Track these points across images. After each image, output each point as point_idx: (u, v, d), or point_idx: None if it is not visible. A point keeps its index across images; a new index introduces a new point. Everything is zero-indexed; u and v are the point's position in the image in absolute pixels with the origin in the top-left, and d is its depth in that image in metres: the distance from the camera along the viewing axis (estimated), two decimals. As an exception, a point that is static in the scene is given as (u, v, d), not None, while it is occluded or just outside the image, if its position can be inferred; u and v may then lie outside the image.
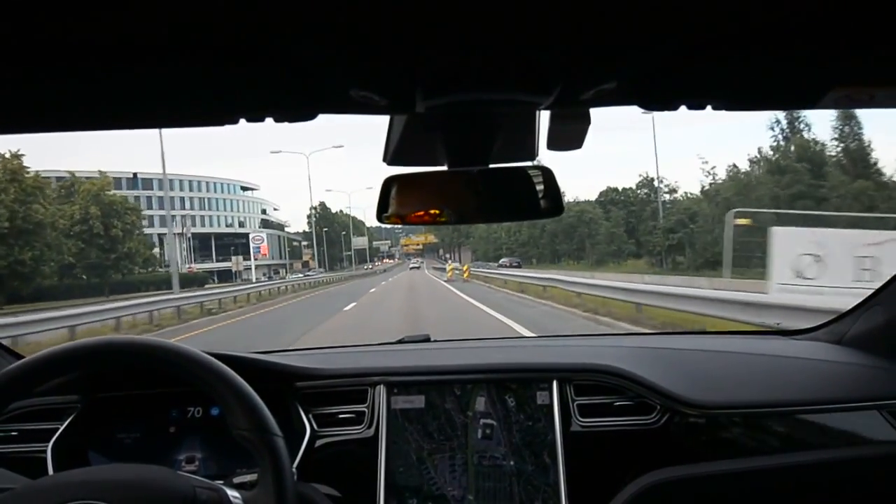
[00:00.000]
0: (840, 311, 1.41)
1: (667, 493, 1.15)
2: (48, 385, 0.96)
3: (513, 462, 1.20)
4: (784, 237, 7.59)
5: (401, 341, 1.56)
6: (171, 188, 55.43)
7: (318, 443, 1.22)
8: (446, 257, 73.02)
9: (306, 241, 73.18)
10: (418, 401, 1.25)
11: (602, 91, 0.71)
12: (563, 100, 0.72)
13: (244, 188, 66.62)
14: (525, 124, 0.88)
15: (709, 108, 0.72)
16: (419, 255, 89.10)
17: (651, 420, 1.22)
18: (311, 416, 1.24)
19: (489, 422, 1.23)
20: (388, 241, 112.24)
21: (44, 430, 1.20)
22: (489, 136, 0.83)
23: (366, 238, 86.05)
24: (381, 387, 1.25)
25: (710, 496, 1.19)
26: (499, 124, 0.82)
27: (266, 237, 60.67)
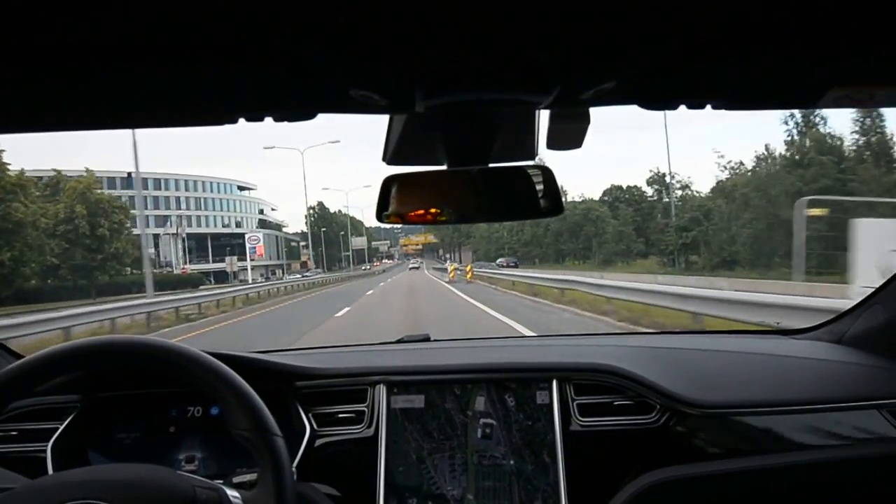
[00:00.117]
0: None
1: (666, 492, 1.16)
2: (48, 385, 0.95)
3: (512, 461, 1.21)
4: (870, 230, 6.26)
5: (400, 341, 1.57)
6: (166, 188, 54.63)
7: (318, 442, 1.23)
8: (446, 257, 72.76)
9: (304, 242, 72.21)
10: (418, 400, 1.26)
11: (601, 91, 0.71)
12: (562, 99, 0.72)
13: (241, 188, 66.19)
14: (525, 124, 0.89)
15: (708, 108, 0.73)
16: (419, 256, 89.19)
17: (651, 419, 1.23)
18: (310, 415, 1.25)
19: (489, 421, 1.24)
20: (387, 242, 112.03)
21: (43, 430, 1.21)
22: (489, 135, 0.83)
23: (365, 238, 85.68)
24: (381, 386, 1.26)
25: (710, 496, 1.20)
26: (498, 124, 0.83)
27: (263, 237, 60.13)
